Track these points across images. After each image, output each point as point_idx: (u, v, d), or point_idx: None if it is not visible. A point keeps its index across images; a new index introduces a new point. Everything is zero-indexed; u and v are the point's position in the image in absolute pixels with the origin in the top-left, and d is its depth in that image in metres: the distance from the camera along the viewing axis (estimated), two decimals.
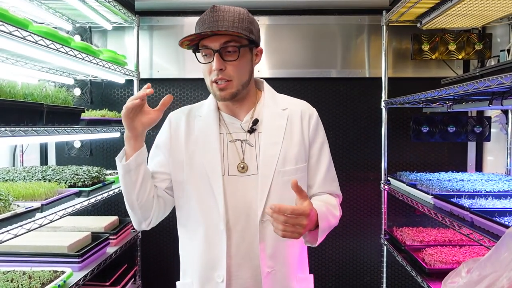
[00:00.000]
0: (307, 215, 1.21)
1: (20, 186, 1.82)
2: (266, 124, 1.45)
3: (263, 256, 1.39)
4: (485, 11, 2.31)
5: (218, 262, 1.39)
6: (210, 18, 1.32)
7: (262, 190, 1.38)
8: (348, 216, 3.05)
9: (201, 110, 1.52)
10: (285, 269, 1.43)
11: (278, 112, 1.48)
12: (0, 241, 1.40)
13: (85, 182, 2.15)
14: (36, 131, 1.62)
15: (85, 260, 2.12)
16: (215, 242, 1.39)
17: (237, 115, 1.47)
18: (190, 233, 1.46)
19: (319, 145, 1.52)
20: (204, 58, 1.38)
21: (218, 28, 1.30)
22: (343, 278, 3.12)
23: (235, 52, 1.35)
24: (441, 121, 2.81)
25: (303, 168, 1.47)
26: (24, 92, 1.68)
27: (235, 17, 1.34)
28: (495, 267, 0.75)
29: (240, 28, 1.33)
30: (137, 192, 1.38)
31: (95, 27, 2.94)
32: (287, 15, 3.02)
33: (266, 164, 1.40)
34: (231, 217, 1.39)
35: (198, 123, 1.48)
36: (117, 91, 3.10)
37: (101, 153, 3.11)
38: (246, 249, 1.39)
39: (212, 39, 1.33)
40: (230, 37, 1.33)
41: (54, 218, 1.74)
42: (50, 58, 1.93)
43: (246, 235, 1.39)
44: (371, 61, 3.05)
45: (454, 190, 2.03)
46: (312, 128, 1.51)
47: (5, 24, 1.41)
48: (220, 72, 1.34)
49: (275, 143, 1.43)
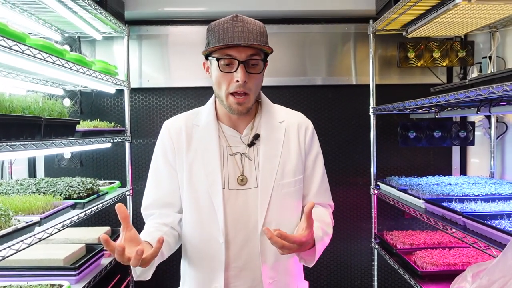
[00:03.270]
0: (303, 243, 1.22)
1: (16, 200, 1.81)
2: (265, 138, 1.45)
3: (265, 267, 1.40)
4: (468, 21, 2.40)
5: (216, 274, 1.40)
6: (234, 27, 1.31)
7: (262, 203, 1.39)
8: (338, 221, 3.09)
9: (199, 119, 1.50)
10: (286, 278, 1.45)
11: (276, 125, 1.49)
12: (3, 257, 1.39)
13: (80, 194, 2.14)
14: (35, 145, 1.62)
15: (82, 272, 2.11)
16: (214, 254, 1.40)
17: (237, 127, 1.48)
18: (189, 243, 1.46)
19: (314, 157, 1.54)
20: (224, 67, 1.34)
21: (246, 40, 1.29)
22: (335, 282, 3.16)
23: (258, 66, 1.35)
24: (427, 126, 2.89)
25: (300, 180, 1.49)
26: (21, 106, 1.67)
27: (258, 30, 1.34)
28: (503, 272, 0.79)
29: (262, 42, 1.34)
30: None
31: (84, 37, 2.93)
32: (275, 23, 3.07)
33: (266, 177, 1.41)
34: (230, 230, 1.39)
35: (197, 134, 1.47)
36: (107, 101, 3.09)
37: (91, 164, 3.09)
38: (245, 260, 1.40)
39: (238, 50, 1.31)
40: (256, 50, 1.33)
41: (53, 232, 1.74)
42: (45, 70, 1.92)
43: (246, 247, 1.40)
44: (357, 68, 3.12)
45: (444, 194, 2.09)
46: (308, 140, 1.53)
47: (5, 39, 1.41)
48: (243, 84, 1.33)
49: (274, 156, 1.44)
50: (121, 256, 1.08)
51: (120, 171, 3.08)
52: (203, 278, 1.43)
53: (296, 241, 1.19)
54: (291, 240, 1.18)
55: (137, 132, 3.09)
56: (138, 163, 3.09)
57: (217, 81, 1.37)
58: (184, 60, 3.05)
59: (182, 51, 3.02)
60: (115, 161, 3.10)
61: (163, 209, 1.46)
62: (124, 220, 1.17)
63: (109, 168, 3.10)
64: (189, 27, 3.01)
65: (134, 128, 3.07)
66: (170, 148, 1.47)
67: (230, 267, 1.39)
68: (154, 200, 1.47)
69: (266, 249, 1.39)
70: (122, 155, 3.02)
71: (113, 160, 3.10)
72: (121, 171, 3.06)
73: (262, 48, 1.35)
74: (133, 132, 3.06)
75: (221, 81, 1.36)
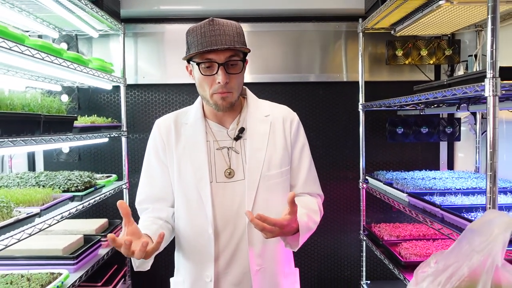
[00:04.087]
0: (285, 226, 1.27)
1: (17, 193, 1.90)
2: (251, 131, 1.53)
3: (252, 255, 1.48)
4: (454, 20, 2.48)
5: (206, 263, 1.48)
6: (211, 31, 1.37)
7: (249, 194, 1.47)
8: (329, 213, 3.19)
9: (187, 118, 1.58)
10: (273, 265, 1.53)
11: (261, 119, 1.56)
12: (6, 246, 1.48)
13: (78, 187, 2.23)
14: (35, 141, 1.71)
15: (80, 262, 2.20)
16: (204, 245, 1.48)
17: (224, 122, 1.55)
18: (182, 235, 1.55)
19: (300, 148, 1.61)
20: (205, 70, 1.41)
21: (223, 43, 1.36)
22: (325, 272, 3.27)
23: (237, 66, 1.43)
24: (415, 122, 2.98)
25: (287, 171, 1.56)
26: (21, 103, 1.75)
27: (234, 31, 1.41)
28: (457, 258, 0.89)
29: (239, 43, 1.41)
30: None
31: (81, 34, 3.01)
32: (268, 22, 3.14)
33: (252, 170, 1.49)
34: (219, 222, 1.47)
35: (186, 131, 1.55)
36: (103, 97, 3.17)
37: (89, 158, 3.17)
38: (234, 250, 1.48)
39: (217, 53, 1.38)
40: (233, 52, 1.40)
41: (52, 223, 1.83)
42: (44, 69, 2.00)
43: (234, 237, 1.48)
44: (348, 65, 3.20)
45: (427, 188, 2.18)
46: (294, 132, 1.60)
47: (5, 40, 1.49)
48: (224, 85, 1.40)
49: (260, 149, 1.52)
50: (128, 249, 1.16)
51: (116, 165, 3.17)
52: (195, 267, 1.52)
53: (276, 224, 1.23)
54: (271, 222, 1.22)
55: (133, 127, 3.18)
56: (134, 157, 3.17)
57: (200, 84, 1.45)
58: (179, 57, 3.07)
59: (177, 48, 3.08)
60: (112, 155, 3.19)
61: (156, 203, 1.55)
62: (126, 216, 1.24)
63: (106, 162, 3.19)
64: (184, 25, 3.08)
65: (130, 123, 3.16)
66: (160, 146, 1.55)
67: (220, 256, 1.48)
68: (148, 196, 1.56)
69: (254, 238, 1.48)
70: (118, 150, 3.11)
71: (110, 154, 3.19)
72: (118, 165, 3.15)
73: (240, 49, 1.42)
74: (129, 127, 3.14)
75: (203, 84, 1.44)
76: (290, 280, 1.62)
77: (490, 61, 1.33)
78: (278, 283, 1.55)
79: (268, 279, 1.52)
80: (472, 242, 0.89)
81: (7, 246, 1.49)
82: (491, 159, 1.34)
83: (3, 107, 1.63)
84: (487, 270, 0.86)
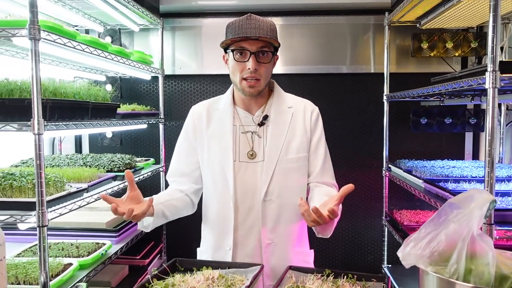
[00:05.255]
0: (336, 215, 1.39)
1: (68, 171, 2.15)
2: (274, 119, 1.71)
3: (264, 230, 1.66)
4: (479, 13, 2.52)
5: (227, 233, 1.68)
6: (248, 24, 1.56)
7: (266, 174, 1.65)
8: (353, 200, 3.31)
9: (219, 104, 1.78)
10: (283, 242, 1.70)
11: (284, 109, 1.74)
12: (60, 214, 1.73)
13: (120, 167, 2.47)
14: (84, 125, 1.95)
15: (121, 235, 2.46)
16: (225, 217, 1.68)
17: (251, 110, 1.73)
18: (207, 208, 1.77)
19: (317, 138, 1.75)
20: (238, 57, 1.60)
21: (256, 34, 1.55)
22: (349, 255, 3.41)
23: (267, 56, 1.61)
24: (439, 113, 3.05)
25: (304, 158, 1.72)
26: (73, 92, 1.99)
27: (268, 27, 1.59)
28: (435, 226, 1.03)
29: (271, 37, 1.60)
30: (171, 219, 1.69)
31: (124, 28, 3.25)
32: (298, 15, 3.27)
33: (271, 152, 1.66)
34: (239, 197, 1.66)
35: (216, 116, 1.75)
36: (143, 86, 3.42)
37: (129, 142, 3.44)
38: (251, 223, 1.67)
39: (250, 43, 1.57)
40: (265, 43, 1.59)
41: (98, 198, 2.07)
42: (92, 61, 2.24)
43: (251, 212, 1.66)
44: (376, 57, 3.28)
45: (442, 176, 2.28)
46: (314, 122, 1.76)
47: (61, 37, 1.72)
48: (254, 71, 1.58)
49: (280, 135, 1.69)
50: (115, 211, 1.37)
51: (154, 149, 3.42)
52: (218, 237, 1.72)
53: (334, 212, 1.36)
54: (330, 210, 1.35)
55: (169, 115, 3.41)
56: (170, 143, 3.39)
57: (233, 69, 1.64)
58: (214, 49, 3.29)
59: (213, 41, 3.26)
60: (150, 141, 3.44)
61: (181, 177, 1.78)
62: (130, 183, 1.48)
63: (145, 147, 3.45)
64: (219, 19, 3.26)
65: (167, 111, 3.39)
66: (191, 128, 1.77)
67: (238, 228, 1.67)
68: (175, 170, 1.81)
69: (267, 214, 1.66)
70: (156, 135, 3.36)
71: (148, 139, 3.44)
72: (155, 150, 3.40)
73: (271, 42, 1.60)
74: (166, 115, 3.37)
75: (235, 69, 1.63)
76: (300, 258, 1.75)
77: (491, 55, 1.44)
78: (287, 258, 1.69)
79: (277, 254, 1.68)
80: (450, 213, 1.04)
81: (61, 215, 1.74)
82: (489, 146, 1.46)
83: (58, 95, 1.87)
84: (463, 238, 1.01)
